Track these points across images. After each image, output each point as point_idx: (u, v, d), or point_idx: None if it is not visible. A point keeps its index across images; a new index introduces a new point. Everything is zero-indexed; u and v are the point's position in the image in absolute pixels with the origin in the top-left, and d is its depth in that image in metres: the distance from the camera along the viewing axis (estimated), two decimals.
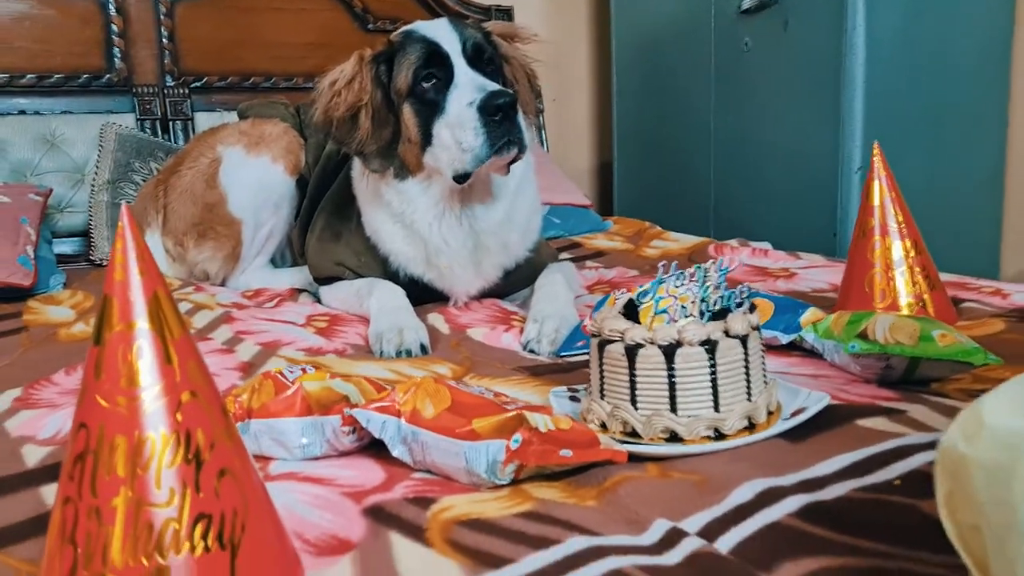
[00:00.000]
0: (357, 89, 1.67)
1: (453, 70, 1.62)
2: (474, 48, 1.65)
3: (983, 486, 0.59)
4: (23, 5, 2.61)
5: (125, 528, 0.65)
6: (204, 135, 2.23)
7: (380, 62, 1.69)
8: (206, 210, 2.05)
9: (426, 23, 1.72)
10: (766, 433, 1.01)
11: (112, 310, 0.68)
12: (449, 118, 1.59)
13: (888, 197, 1.56)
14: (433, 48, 1.64)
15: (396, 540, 0.79)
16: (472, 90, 1.57)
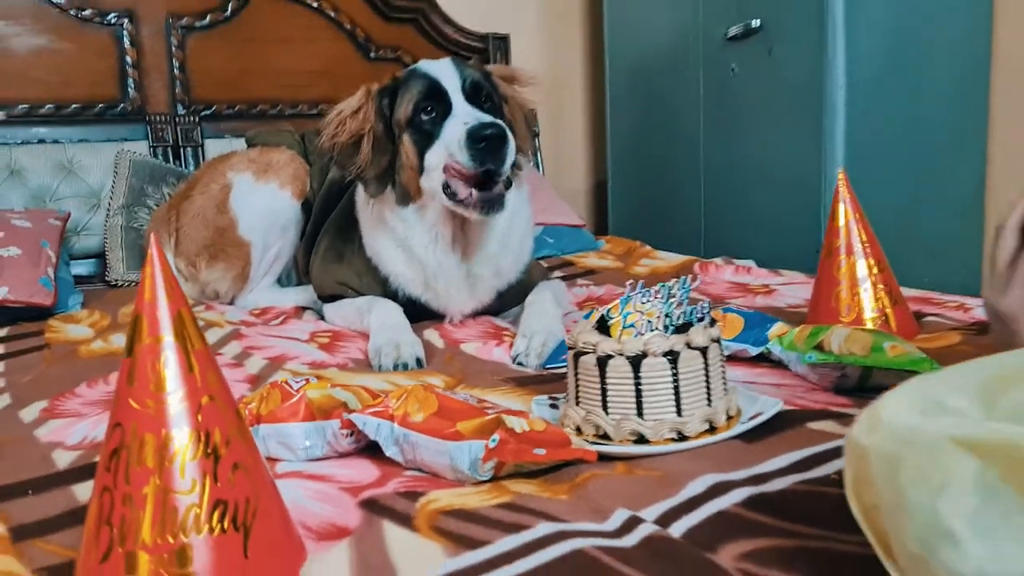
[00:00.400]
0: (361, 119, 1.79)
1: (451, 104, 1.74)
2: (472, 86, 1.77)
3: (879, 472, 0.69)
4: (43, 39, 2.75)
5: (154, 512, 0.76)
6: (214, 162, 2.34)
7: (384, 95, 1.81)
8: (217, 233, 2.16)
9: (430, 62, 1.84)
10: (724, 435, 1.11)
11: (143, 326, 0.79)
12: (443, 141, 1.71)
13: (853, 219, 1.67)
14: (434, 84, 1.76)
15: (387, 527, 0.90)
16: (468, 116, 1.69)
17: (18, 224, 2.17)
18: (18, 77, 2.73)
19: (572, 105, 3.90)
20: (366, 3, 3.24)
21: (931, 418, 0.68)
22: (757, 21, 2.81)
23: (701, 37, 3.09)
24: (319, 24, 3.16)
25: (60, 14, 2.78)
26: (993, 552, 0.63)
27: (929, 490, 0.66)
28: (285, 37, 3.10)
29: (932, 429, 0.67)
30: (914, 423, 0.68)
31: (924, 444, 0.67)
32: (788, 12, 2.71)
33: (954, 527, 0.64)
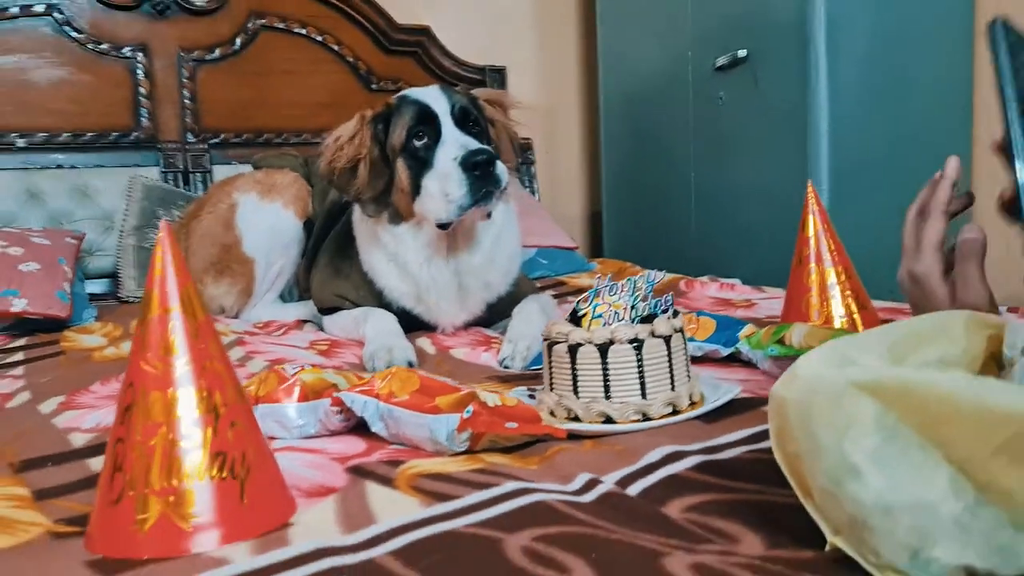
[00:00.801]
0: (357, 144, 1.89)
1: (441, 130, 1.84)
2: (461, 111, 1.87)
3: (795, 420, 0.79)
4: (63, 72, 2.90)
5: (161, 460, 0.86)
6: (221, 183, 2.46)
7: (379, 121, 1.91)
8: (224, 251, 2.27)
9: (419, 89, 1.95)
10: (684, 416, 1.21)
11: (153, 298, 0.90)
12: (436, 171, 1.81)
13: (821, 229, 1.77)
14: (424, 109, 1.87)
15: (370, 486, 0.99)
16: (456, 147, 1.79)
17: (37, 241, 2.29)
18: (39, 107, 2.88)
19: (567, 135, 4.03)
20: (368, 37, 3.39)
21: (838, 368, 0.78)
22: (743, 51, 2.94)
23: (690, 68, 3.21)
24: (323, 57, 3.31)
25: (79, 48, 2.93)
26: (891, 483, 0.72)
27: (836, 431, 0.75)
28: (290, 69, 3.24)
29: (837, 377, 0.76)
30: (823, 372, 0.78)
31: (830, 390, 0.76)
32: (772, 42, 2.83)
33: (857, 463, 0.74)
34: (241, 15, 3.17)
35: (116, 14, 2.98)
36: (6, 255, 2.17)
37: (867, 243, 2.51)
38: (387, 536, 0.85)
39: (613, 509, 0.91)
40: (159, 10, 3.03)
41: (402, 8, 3.45)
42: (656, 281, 1.27)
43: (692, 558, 0.77)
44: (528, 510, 0.90)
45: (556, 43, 3.96)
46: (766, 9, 2.86)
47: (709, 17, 3.11)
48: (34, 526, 0.93)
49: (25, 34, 2.86)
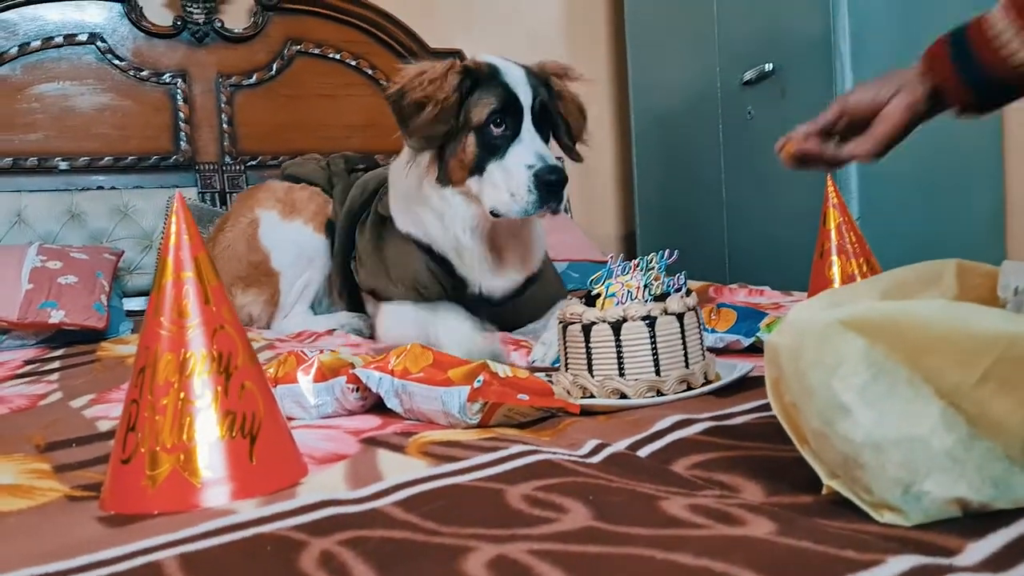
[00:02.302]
0: (438, 87, 1.84)
1: (521, 125, 1.84)
2: (540, 107, 1.87)
3: (787, 364, 0.79)
4: (105, 98, 3.00)
5: (173, 418, 0.88)
6: (243, 198, 2.46)
7: (466, 80, 1.87)
8: (250, 266, 2.30)
9: (505, 65, 1.91)
10: (698, 391, 1.21)
11: (167, 265, 0.93)
12: (506, 167, 1.81)
13: (842, 221, 1.77)
14: (511, 98, 1.84)
15: (381, 453, 1.01)
16: (533, 155, 1.79)
17: (76, 256, 2.35)
18: (82, 132, 2.97)
19: (600, 157, 4.05)
20: (400, 61, 3.44)
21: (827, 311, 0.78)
22: (770, 65, 2.94)
23: (719, 84, 3.23)
24: (357, 81, 3.38)
25: (121, 75, 3.03)
26: (880, 419, 0.72)
27: (825, 371, 0.75)
28: (325, 93, 3.32)
29: (824, 316, 0.76)
30: (813, 315, 0.78)
31: (818, 330, 0.76)
32: (798, 55, 2.84)
33: (847, 401, 0.73)
34: (277, 41, 3.26)
35: (157, 42, 3.09)
36: (46, 268, 2.23)
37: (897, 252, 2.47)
38: (392, 490, 0.86)
39: (618, 466, 0.91)
40: (198, 38, 3.13)
41: (434, 32, 3.51)
42: (668, 261, 1.28)
43: (689, 501, 0.77)
44: (532, 467, 0.90)
45: (586, 65, 3.96)
46: (791, 23, 2.87)
47: (735, 33, 3.13)
48: (52, 491, 0.96)
49: (70, 62, 2.97)
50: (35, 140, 2.93)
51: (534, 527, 0.72)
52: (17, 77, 2.92)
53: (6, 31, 2.92)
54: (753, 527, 0.69)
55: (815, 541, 0.65)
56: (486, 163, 1.84)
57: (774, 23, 2.94)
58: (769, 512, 0.73)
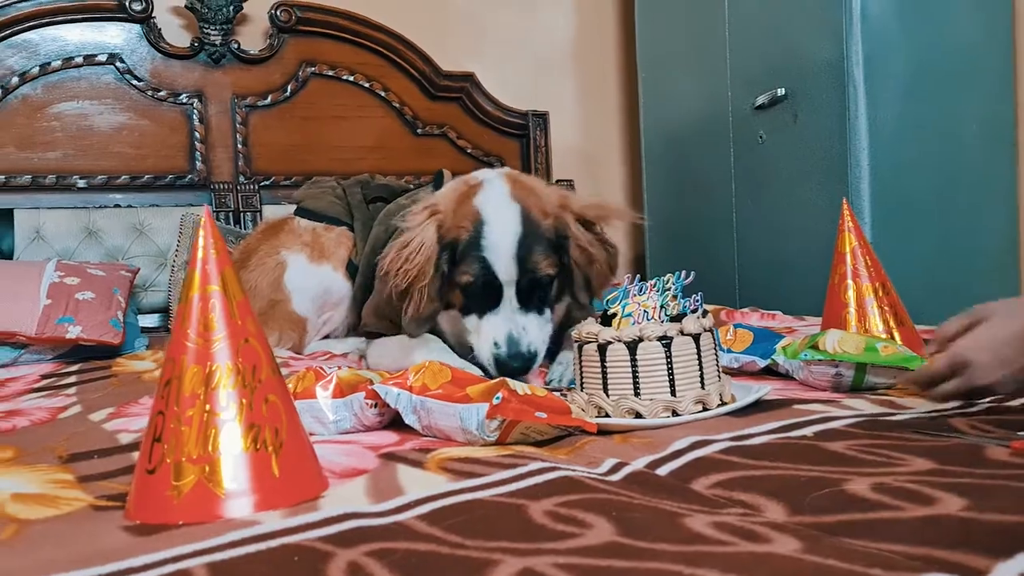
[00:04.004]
0: (419, 270, 1.75)
1: (501, 295, 1.70)
2: (528, 284, 1.71)
3: None
4: (123, 117, 3.04)
5: (198, 430, 0.89)
6: (266, 235, 2.41)
7: (445, 251, 1.75)
8: (270, 306, 2.30)
9: (497, 226, 1.70)
10: (714, 412, 1.21)
11: (195, 279, 0.94)
12: (481, 333, 1.71)
13: (857, 245, 1.77)
14: (488, 275, 1.69)
15: (401, 468, 1.01)
16: (504, 333, 1.68)
17: (93, 273, 2.38)
18: (100, 150, 3.01)
19: (610, 179, 4.08)
20: (414, 83, 3.49)
21: None
22: (782, 90, 2.96)
23: (730, 108, 3.24)
24: (370, 103, 3.41)
25: (139, 95, 3.07)
26: None
27: None
28: (339, 115, 3.35)
29: None
30: None
31: None
32: (811, 79, 2.85)
33: None
34: (292, 63, 3.30)
35: (174, 63, 3.13)
36: (64, 284, 2.25)
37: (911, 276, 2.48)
38: (414, 504, 0.87)
39: (638, 484, 0.92)
40: (215, 59, 3.17)
41: (447, 55, 3.55)
42: (685, 282, 1.28)
43: (713, 518, 0.77)
44: (553, 483, 0.91)
45: (598, 87, 4.03)
46: (804, 48, 2.89)
47: (747, 57, 3.15)
48: (77, 501, 0.97)
49: (89, 82, 3.01)
50: (54, 158, 2.96)
51: (559, 541, 0.73)
52: (38, 96, 2.96)
53: (27, 51, 2.96)
54: (778, 545, 0.69)
55: (841, 559, 0.65)
56: (468, 313, 1.76)
57: (786, 48, 2.96)
58: (793, 530, 0.73)
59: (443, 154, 3.51)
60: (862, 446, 1.00)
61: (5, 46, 2.94)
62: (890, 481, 0.86)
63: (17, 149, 2.94)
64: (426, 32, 3.54)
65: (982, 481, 0.86)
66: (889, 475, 0.89)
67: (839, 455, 0.98)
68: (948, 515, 0.76)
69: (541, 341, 1.71)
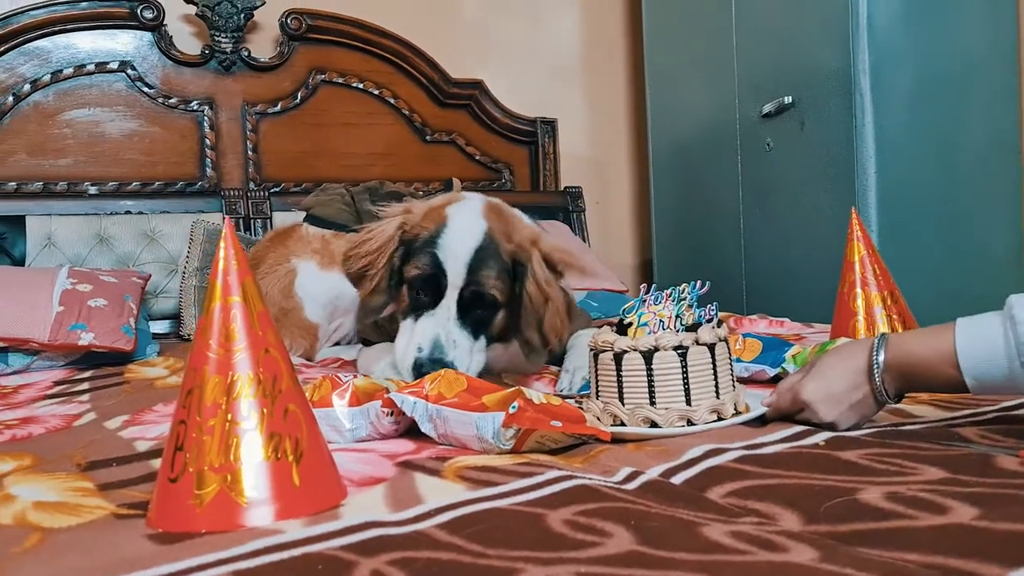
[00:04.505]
0: (376, 255, 1.73)
1: (442, 298, 1.62)
2: (472, 296, 1.63)
3: None
4: (134, 124, 3.07)
5: (220, 439, 0.90)
6: (274, 243, 2.43)
7: (401, 247, 1.71)
8: (281, 313, 2.31)
9: (457, 231, 1.66)
10: (729, 421, 1.22)
11: (216, 290, 0.95)
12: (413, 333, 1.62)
13: (865, 254, 1.78)
14: (435, 270, 1.63)
15: (418, 476, 1.02)
16: (430, 337, 1.59)
17: (105, 280, 2.39)
18: (111, 157, 3.04)
19: (617, 185, 4.09)
20: (423, 91, 3.51)
21: None
22: (789, 98, 2.97)
23: (737, 116, 3.26)
24: (380, 110, 3.44)
25: (150, 102, 3.10)
26: None
27: None
28: (348, 122, 3.38)
29: None
30: None
31: None
32: (818, 87, 2.87)
33: None
34: (302, 71, 3.32)
35: (185, 70, 3.15)
36: (76, 291, 2.27)
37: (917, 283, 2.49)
38: (434, 513, 0.88)
39: (654, 493, 0.93)
40: (225, 66, 3.19)
41: (456, 63, 3.57)
42: (701, 292, 1.29)
43: (729, 528, 0.78)
44: (570, 491, 0.92)
45: (606, 94, 4.05)
46: (811, 56, 2.90)
47: (755, 66, 3.17)
48: (99, 509, 0.98)
49: (101, 89, 3.04)
50: (65, 165, 2.99)
51: (579, 550, 0.74)
52: (50, 103, 2.98)
53: (40, 59, 2.99)
54: (795, 554, 0.70)
55: (858, 568, 0.66)
56: (405, 317, 1.68)
57: (794, 56, 2.98)
58: (809, 539, 0.74)
59: (452, 161, 3.53)
60: (874, 455, 1.01)
61: (17, 53, 2.97)
62: (903, 490, 0.87)
63: (29, 156, 2.96)
64: (435, 40, 3.56)
65: (993, 490, 0.87)
66: (902, 484, 0.90)
67: (852, 464, 0.99)
68: (961, 524, 0.77)
69: (466, 365, 1.58)
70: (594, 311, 2.89)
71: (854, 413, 1.17)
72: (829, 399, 1.17)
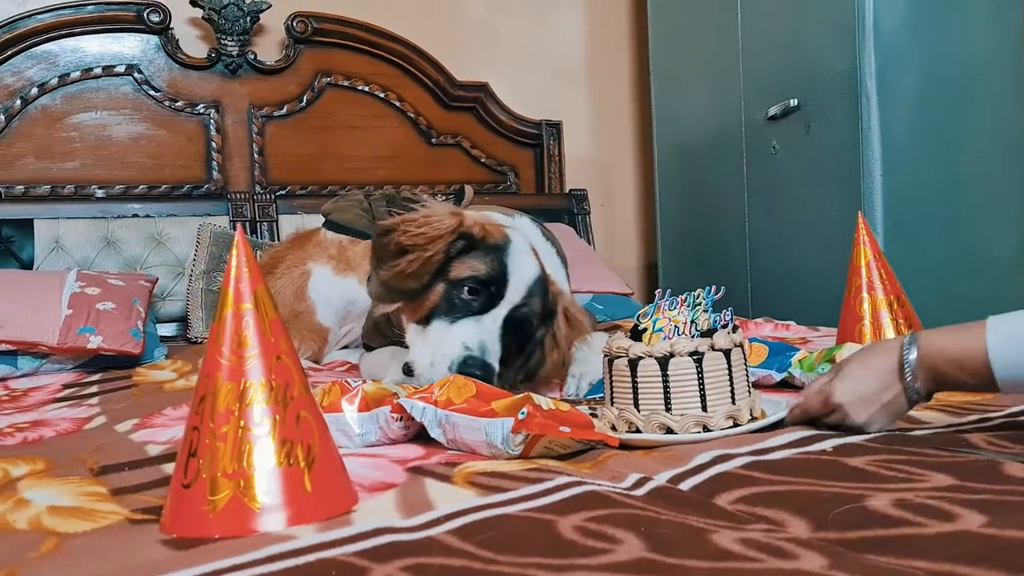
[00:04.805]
0: (429, 241, 1.62)
1: (492, 308, 1.59)
2: (520, 320, 1.61)
3: None
4: (141, 127, 3.08)
5: (233, 445, 0.91)
6: (292, 246, 2.44)
7: (460, 239, 1.64)
8: (293, 315, 2.32)
9: (523, 252, 1.65)
10: (745, 427, 1.22)
11: (228, 297, 0.96)
12: (449, 332, 1.56)
13: (872, 258, 1.79)
14: (499, 278, 1.59)
15: (429, 482, 1.03)
16: (477, 339, 1.54)
17: (113, 283, 2.40)
18: (118, 160, 3.05)
19: (623, 188, 4.10)
20: (428, 93, 3.52)
21: None
22: (795, 100, 2.97)
23: (743, 118, 3.26)
24: (385, 113, 3.45)
25: (156, 105, 3.11)
26: None
27: None
28: (354, 124, 3.38)
29: None
30: None
31: None
32: (824, 90, 2.87)
33: None
34: (308, 74, 3.33)
35: (191, 73, 3.16)
36: (84, 295, 2.28)
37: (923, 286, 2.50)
38: (444, 519, 0.88)
39: (663, 499, 0.93)
40: (231, 69, 3.20)
41: (461, 65, 3.58)
42: (716, 297, 1.30)
43: (739, 534, 0.79)
44: (580, 498, 0.93)
45: (611, 97, 4.05)
46: (816, 59, 2.90)
47: (760, 68, 3.17)
48: (113, 514, 0.99)
49: (107, 92, 3.05)
50: (73, 168, 3.00)
51: (590, 557, 0.74)
52: (57, 107, 3.00)
53: (47, 62, 3.00)
54: (805, 561, 0.71)
55: (867, 575, 0.67)
56: (436, 318, 1.60)
57: (799, 58, 2.98)
58: (819, 546, 0.75)
59: (457, 164, 3.54)
60: (882, 461, 1.02)
61: (25, 57, 2.98)
62: (911, 497, 0.88)
63: (36, 159, 2.98)
64: (441, 42, 3.57)
65: (1001, 497, 0.87)
66: (910, 491, 0.90)
67: (859, 470, 0.99)
68: (969, 531, 0.78)
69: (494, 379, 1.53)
70: (599, 314, 2.90)
71: (885, 413, 1.17)
72: (860, 400, 1.16)
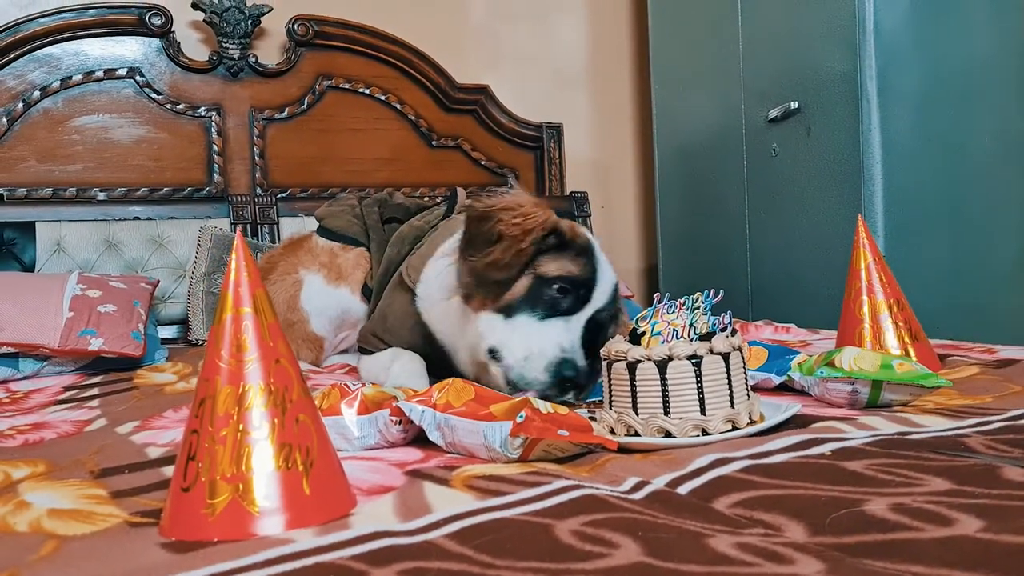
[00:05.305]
0: (524, 231, 1.62)
1: (580, 310, 1.60)
2: (602, 321, 1.64)
3: None
4: (142, 130, 3.09)
5: (232, 449, 0.91)
6: (285, 253, 2.43)
7: (549, 236, 1.65)
8: (287, 325, 2.31)
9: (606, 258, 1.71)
10: (744, 431, 1.22)
11: (228, 301, 0.96)
12: (540, 331, 1.56)
13: (871, 261, 1.79)
14: (590, 281, 1.62)
15: (427, 485, 1.03)
16: (571, 340, 1.56)
17: (114, 285, 2.41)
18: (120, 163, 3.07)
19: (623, 190, 4.10)
20: (429, 96, 3.53)
21: None
22: (795, 103, 2.98)
23: (743, 120, 3.27)
24: (386, 115, 3.46)
25: (158, 108, 3.12)
26: None
27: None
28: (355, 127, 3.40)
29: None
30: None
31: None
32: (824, 92, 2.87)
33: None
34: (309, 76, 3.34)
35: (193, 76, 3.18)
36: (86, 297, 2.29)
37: (924, 289, 2.50)
38: (442, 523, 0.89)
39: (660, 503, 0.93)
40: (233, 72, 3.21)
41: (462, 68, 3.59)
42: (715, 300, 1.30)
43: (736, 539, 0.79)
44: (578, 501, 0.93)
45: (611, 100, 4.06)
46: (817, 61, 2.91)
47: (761, 71, 3.17)
48: (112, 517, 0.99)
49: (109, 95, 3.06)
50: (75, 171, 3.02)
51: (587, 561, 0.75)
52: (59, 110, 3.01)
53: (49, 65, 3.01)
54: (802, 566, 0.71)
55: None
56: (521, 312, 1.60)
57: (800, 61, 2.98)
58: (816, 551, 0.75)
59: (458, 166, 3.55)
60: (880, 465, 1.02)
61: (27, 60, 2.99)
62: (908, 501, 0.88)
63: (38, 162, 2.99)
64: (441, 45, 3.58)
65: (999, 502, 0.87)
66: (907, 495, 0.90)
67: (857, 474, 0.99)
68: (966, 536, 0.78)
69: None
70: None
71: None
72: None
